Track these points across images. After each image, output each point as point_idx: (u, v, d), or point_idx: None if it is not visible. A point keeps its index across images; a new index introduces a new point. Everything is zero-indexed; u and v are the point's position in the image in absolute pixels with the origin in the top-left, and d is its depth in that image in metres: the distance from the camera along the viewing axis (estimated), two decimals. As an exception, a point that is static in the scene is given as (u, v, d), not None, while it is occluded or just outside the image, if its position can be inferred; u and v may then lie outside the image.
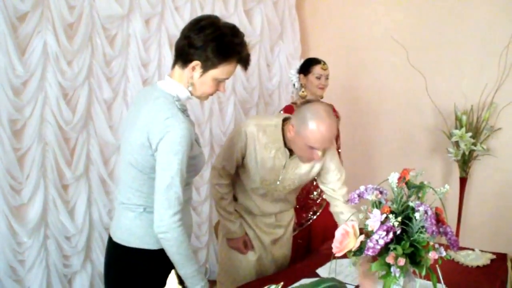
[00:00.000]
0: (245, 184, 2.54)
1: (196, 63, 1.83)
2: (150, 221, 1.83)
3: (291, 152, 2.40)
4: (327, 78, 3.28)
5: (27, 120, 2.78)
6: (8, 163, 2.69)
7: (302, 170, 2.45)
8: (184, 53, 1.85)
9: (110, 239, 2.00)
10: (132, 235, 1.90)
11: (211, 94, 1.94)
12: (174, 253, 1.80)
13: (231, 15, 3.93)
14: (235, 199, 2.61)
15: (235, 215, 2.57)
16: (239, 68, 1.94)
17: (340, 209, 2.48)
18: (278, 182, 2.45)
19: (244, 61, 1.91)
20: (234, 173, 2.55)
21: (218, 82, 1.89)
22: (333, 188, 2.52)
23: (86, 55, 3.01)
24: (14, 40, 2.64)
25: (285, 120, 2.40)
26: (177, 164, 1.75)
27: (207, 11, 3.75)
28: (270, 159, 2.39)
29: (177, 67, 1.89)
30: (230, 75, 1.90)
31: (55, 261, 2.98)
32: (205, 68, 1.84)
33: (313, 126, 2.19)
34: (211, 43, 1.80)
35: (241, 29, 1.91)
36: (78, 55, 2.97)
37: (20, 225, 2.78)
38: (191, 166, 1.86)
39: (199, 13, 3.67)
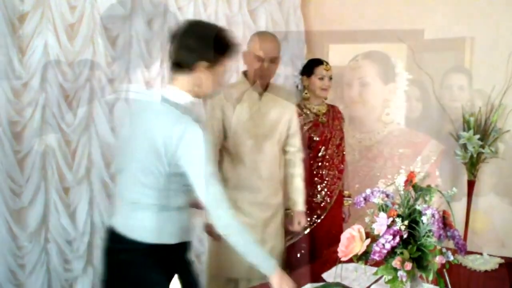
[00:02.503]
0: (237, 152, 2.64)
1: (203, 64, 1.89)
2: (166, 218, 1.92)
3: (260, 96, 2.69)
4: (330, 79, 3.24)
5: (28, 122, 2.77)
6: (8, 165, 2.68)
7: (274, 112, 2.71)
8: (185, 60, 1.91)
9: (115, 234, 1.98)
10: (149, 231, 1.92)
11: (216, 91, 2.08)
12: (244, 244, 1.89)
13: (235, 15, 3.90)
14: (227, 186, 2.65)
15: None
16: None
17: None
18: (260, 126, 2.66)
19: (235, 52, 2.03)
20: (226, 158, 2.66)
21: (220, 77, 1.99)
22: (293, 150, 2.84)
23: (87, 56, 2.99)
24: (15, 41, 2.64)
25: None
26: (205, 162, 1.83)
27: (211, 11, 3.72)
28: (246, 109, 2.63)
29: (179, 75, 1.94)
30: (230, 67, 2.07)
31: (56, 266, 2.96)
32: (212, 66, 1.91)
33: (257, 35, 2.71)
34: (209, 41, 1.88)
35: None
36: (79, 56, 2.95)
37: (21, 229, 2.78)
38: None
39: (202, 13, 3.65)
